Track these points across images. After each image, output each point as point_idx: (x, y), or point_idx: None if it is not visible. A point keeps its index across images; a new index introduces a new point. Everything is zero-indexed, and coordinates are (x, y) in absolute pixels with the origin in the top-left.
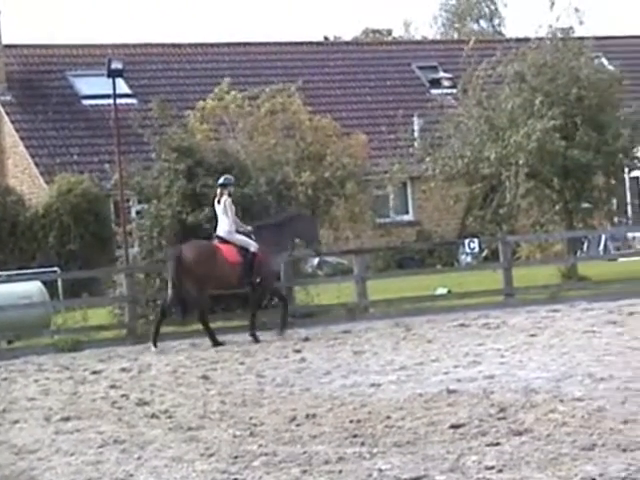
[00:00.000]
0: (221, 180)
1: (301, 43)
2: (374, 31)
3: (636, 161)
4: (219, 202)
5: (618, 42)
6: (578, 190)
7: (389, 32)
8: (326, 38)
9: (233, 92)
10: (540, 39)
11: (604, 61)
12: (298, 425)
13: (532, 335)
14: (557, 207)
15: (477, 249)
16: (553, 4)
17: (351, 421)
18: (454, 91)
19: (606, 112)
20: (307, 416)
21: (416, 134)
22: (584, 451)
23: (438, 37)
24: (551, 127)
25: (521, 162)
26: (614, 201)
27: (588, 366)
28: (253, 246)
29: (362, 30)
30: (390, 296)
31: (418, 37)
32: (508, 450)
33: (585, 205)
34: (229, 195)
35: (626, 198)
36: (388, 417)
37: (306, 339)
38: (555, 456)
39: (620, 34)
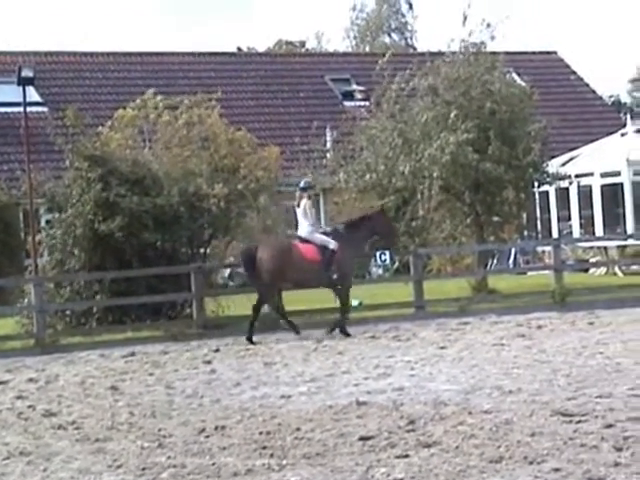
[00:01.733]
0: (301, 184)
1: (214, 54)
2: (287, 43)
3: (545, 176)
4: (299, 205)
5: (528, 57)
6: (489, 204)
7: (302, 44)
8: (239, 49)
9: (159, 97)
10: (453, 53)
11: (515, 76)
12: (207, 437)
13: (442, 347)
14: (468, 220)
15: (389, 261)
16: (466, 19)
17: (260, 433)
18: (367, 104)
19: (517, 127)
20: (216, 428)
21: (329, 146)
22: (492, 463)
23: (351, 50)
24: (464, 140)
25: (435, 175)
26: (524, 215)
27: (497, 379)
28: (332, 244)
29: (275, 41)
30: (301, 307)
31: (331, 49)
32: (417, 462)
33: (496, 219)
34: (308, 198)
35: (535, 212)
36: (298, 429)
37: (216, 350)
38: (463, 468)
39: (529, 50)
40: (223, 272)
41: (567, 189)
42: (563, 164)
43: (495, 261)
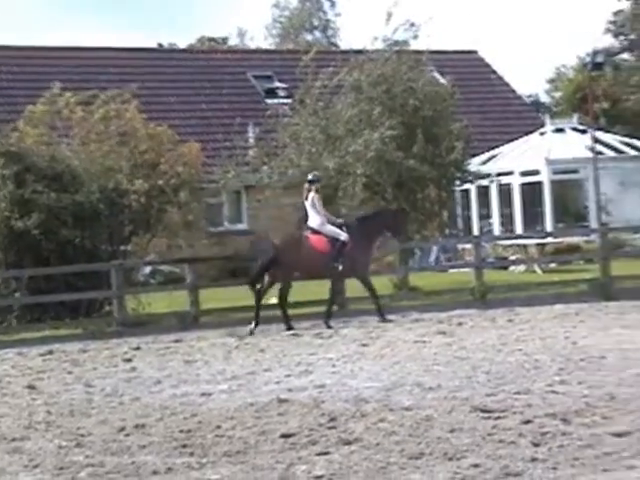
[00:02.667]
0: (309, 177)
1: (135, 49)
2: (210, 39)
3: (467, 174)
4: (307, 198)
5: (449, 57)
6: (411, 201)
7: (225, 40)
8: (160, 45)
9: (68, 94)
10: (376, 51)
11: (437, 75)
12: (127, 435)
13: (364, 345)
14: None
15: None
16: (390, 17)
17: (181, 431)
18: (290, 101)
19: (440, 125)
20: (136, 426)
21: (251, 143)
22: (412, 460)
23: (273, 47)
24: (389, 137)
25: (359, 172)
26: (445, 213)
27: (417, 376)
28: (343, 236)
29: (197, 38)
30: (223, 305)
31: (253, 46)
32: (337, 459)
33: (419, 216)
34: (316, 191)
35: (457, 210)
36: (218, 427)
37: (137, 348)
38: (384, 465)
39: (451, 49)
40: (144, 269)
41: (488, 187)
42: (484, 163)
43: (417, 259)
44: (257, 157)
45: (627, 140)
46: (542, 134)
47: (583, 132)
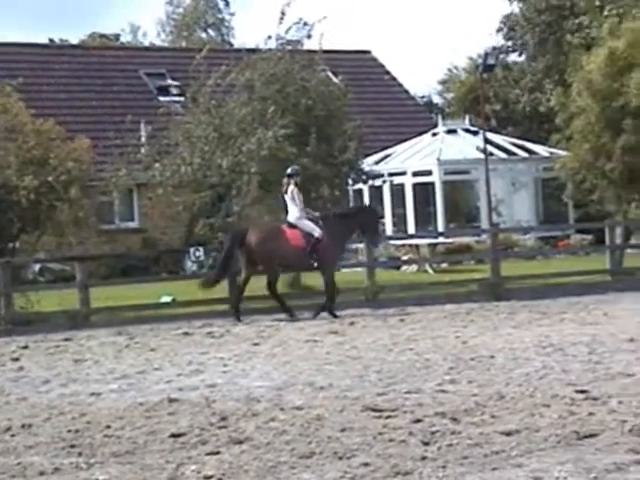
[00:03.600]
0: (288, 171)
1: (25, 44)
2: (101, 35)
3: (360, 174)
4: (286, 192)
5: (343, 56)
6: (305, 200)
7: (117, 37)
8: (51, 40)
9: None
10: (270, 50)
11: (330, 74)
12: (13, 435)
13: (255, 344)
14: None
15: (203, 257)
16: (283, 16)
17: (69, 431)
18: (182, 99)
19: (333, 125)
20: (23, 426)
21: (143, 140)
22: (302, 459)
23: (166, 44)
24: (283, 135)
25: (253, 170)
26: None
27: (309, 375)
28: (317, 232)
29: (89, 34)
30: (113, 304)
31: (146, 43)
32: (228, 459)
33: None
34: (295, 185)
35: None
36: (107, 426)
37: (25, 347)
38: (274, 464)
39: (345, 49)
40: (33, 267)
41: (380, 187)
42: (377, 162)
43: None
44: (149, 155)
45: (518, 142)
46: (434, 135)
47: (475, 133)
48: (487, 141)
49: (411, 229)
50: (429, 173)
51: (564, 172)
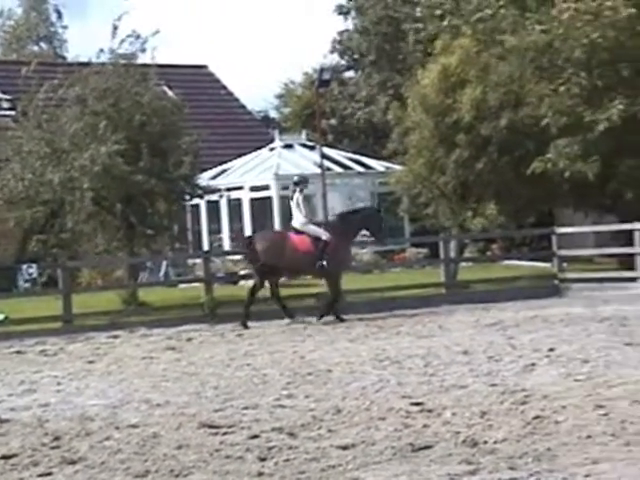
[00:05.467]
0: (295, 179)
1: None
2: None
3: (197, 189)
4: (292, 199)
5: (179, 71)
6: (140, 216)
7: None
8: None
9: None
10: (103, 64)
11: (166, 89)
12: None
13: (90, 362)
14: (120, 233)
15: (36, 274)
16: (116, 30)
17: None
18: (13, 113)
19: (168, 139)
20: None
21: None
22: (137, 478)
23: None
24: (115, 151)
25: (85, 186)
26: (175, 227)
27: (145, 392)
28: (325, 235)
29: None
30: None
31: None
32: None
33: (148, 231)
34: (300, 192)
35: (187, 225)
36: None
37: None
38: None
39: (181, 63)
40: None
41: (218, 202)
42: (214, 177)
43: (147, 274)
44: None
45: (354, 156)
46: (272, 150)
47: (312, 148)
48: (324, 156)
49: None
50: (266, 188)
51: (399, 186)
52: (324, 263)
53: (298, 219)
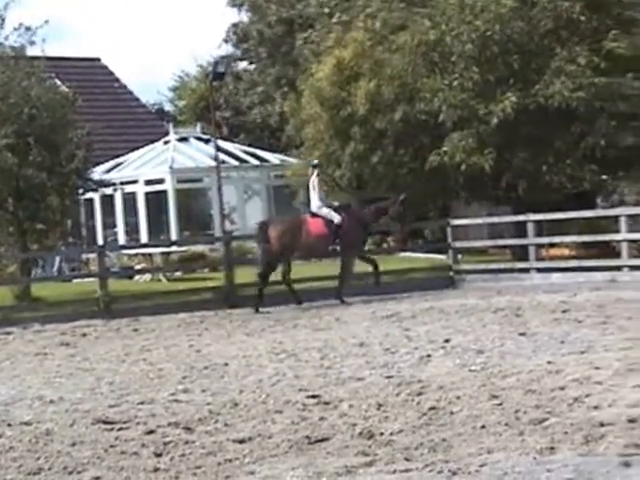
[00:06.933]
0: (313, 162)
1: None
2: None
3: (90, 182)
4: (309, 181)
5: (71, 63)
6: (32, 211)
7: None
8: None
9: None
10: None
11: (57, 82)
12: None
13: None
14: (11, 228)
15: None
16: (3, 21)
17: None
18: None
19: (59, 133)
20: None
21: None
22: (30, 476)
23: None
24: (4, 145)
25: None
26: (69, 222)
27: (39, 389)
28: (337, 218)
29: None
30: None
31: None
32: None
33: (40, 226)
34: (317, 175)
35: (81, 219)
36: None
37: None
38: None
39: (73, 56)
40: None
41: (112, 196)
42: (108, 171)
43: (39, 269)
44: None
45: (249, 149)
46: (166, 143)
47: (207, 141)
48: (219, 149)
49: (144, 238)
50: (161, 181)
51: (295, 179)
52: (337, 247)
53: (315, 202)
